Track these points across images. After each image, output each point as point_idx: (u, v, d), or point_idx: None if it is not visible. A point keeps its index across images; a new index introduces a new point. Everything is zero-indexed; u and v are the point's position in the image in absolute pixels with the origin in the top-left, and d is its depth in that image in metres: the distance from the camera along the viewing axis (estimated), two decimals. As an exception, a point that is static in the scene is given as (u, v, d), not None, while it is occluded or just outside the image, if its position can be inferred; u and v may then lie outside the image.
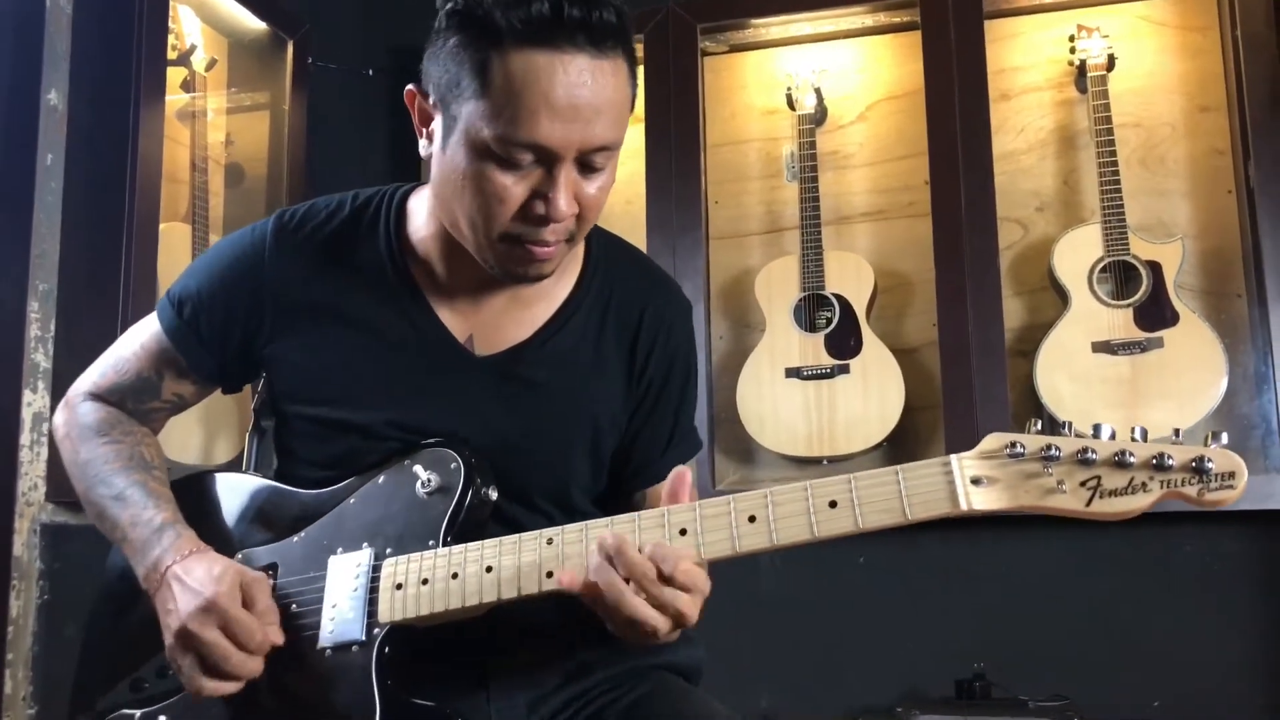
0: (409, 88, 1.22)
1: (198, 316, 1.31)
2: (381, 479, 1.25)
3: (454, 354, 1.28)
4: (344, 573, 1.21)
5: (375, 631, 1.17)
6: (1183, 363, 2.45)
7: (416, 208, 1.31)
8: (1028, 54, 2.82)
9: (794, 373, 2.68)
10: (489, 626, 1.20)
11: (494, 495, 1.23)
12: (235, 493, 1.35)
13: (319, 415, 1.29)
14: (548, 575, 1.13)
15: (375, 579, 1.19)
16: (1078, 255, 2.57)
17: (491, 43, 1.10)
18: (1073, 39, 2.69)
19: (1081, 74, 2.69)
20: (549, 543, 1.14)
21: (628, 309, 1.34)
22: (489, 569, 1.15)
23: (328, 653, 1.19)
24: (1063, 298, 2.59)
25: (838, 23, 2.91)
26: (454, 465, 1.22)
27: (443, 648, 1.22)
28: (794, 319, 2.71)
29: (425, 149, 1.22)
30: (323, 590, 1.21)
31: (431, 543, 1.19)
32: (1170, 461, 0.99)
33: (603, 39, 1.11)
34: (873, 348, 2.66)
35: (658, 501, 1.16)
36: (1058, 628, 2.55)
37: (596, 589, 1.07)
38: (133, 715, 1.25)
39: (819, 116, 2.86)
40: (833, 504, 1.07)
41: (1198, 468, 0.98)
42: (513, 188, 1.14)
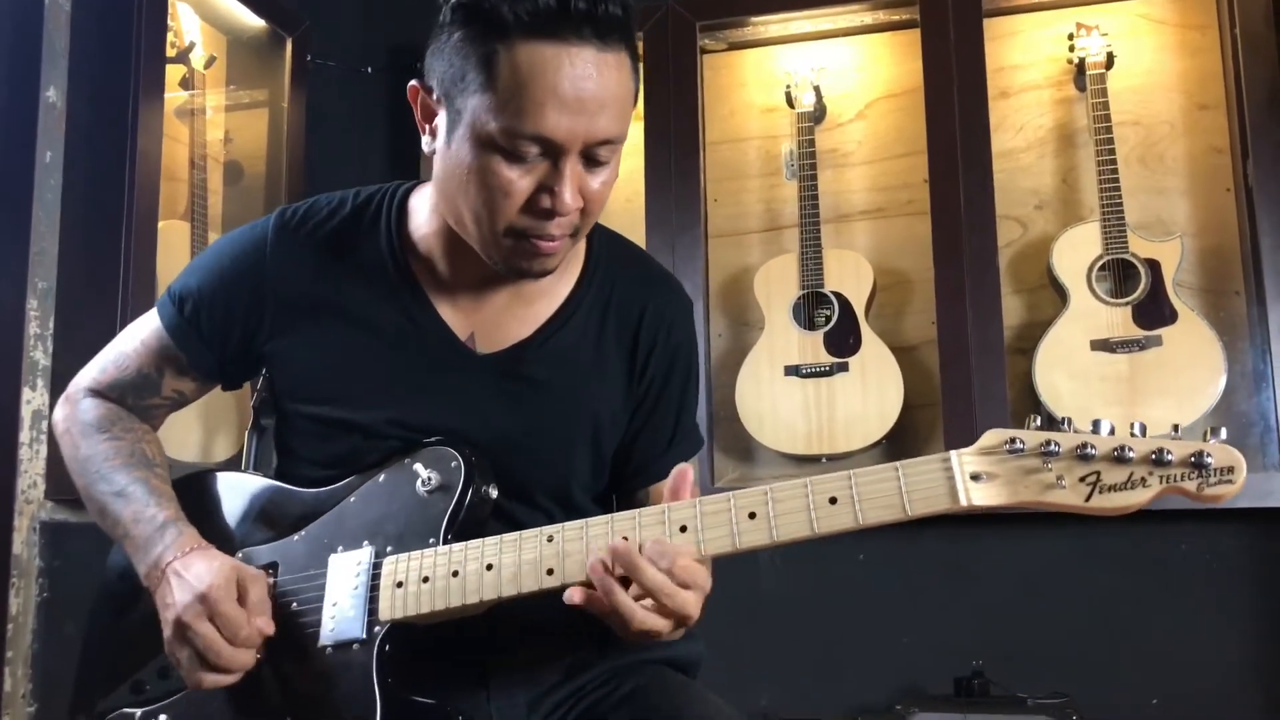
0: (412, 83, 1.21)
1: (198, 313, 1.31)
2: (382, 477, 1.25)
3: (455, 352, 1.28)
4: (345, 571, 1.21)
5: (376, 629, 1.17)
6: (1181, 361, 2.45)
7: (418, 205, 1.31)
8: (1027, 52, 2.82)
9: (793, 371, 2.68)
10: (489, 624, 1.20)
11: (494, 493, 1.23)
12: (236, 492, 1.35)
13: (319, 413, 1.29)
14: (548, 573, 1.13)
15: (376, 577, 1.19)
16: (1076, 253, 2.57)
17: (498, 36, 1.10)
18: (1072, 37, 2.68)
19: (1080, 72, 2.69)
20: (549, 540, 1.14)
21: (629, 307, 1.34)
22: (489, 567, 1.15)
23: (328, 651, 1.19)
24: (1061, 296, 2.59)
25: (837, 21, 2.90)
26: (454, 463, 1.22)
27: (443, 646, 1.22)
28: (793, 317, 2.71)
29: (428, 145, 1.22)
30: (323, 588, 1.21)
31: (432, 541, 1.19)
32: (1169, 456, 0.99)
33: (608, 32, 1.11)
34: (872, 346, 2.66)
35: (660, 499, 1.16)
36: (1057, 625, 2.55)
37: (599, 602, 1.07)
38: (133, 714, 1.25)
39: (818, 114, 2.86)
40: (833, 500, 1.07)
41: (1197, 462, 0.98)
42: (518, 181, 1.14)
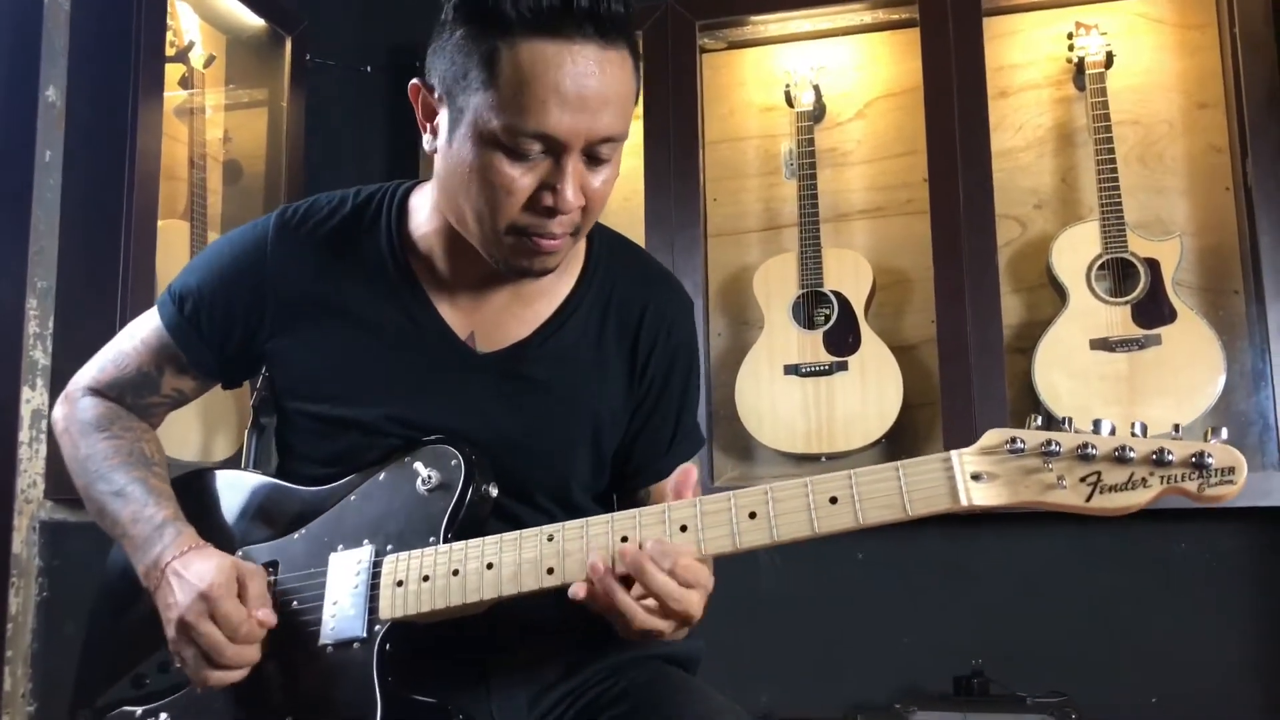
0: (413, 82, 1.21)
1: (199, 312, 1.31)
2: (382, 476, 1.25)
3: (455, 351, 1.28)
4: (345, 569, 1.21)
5: (376, 628, 1.17)
6: (1180, 360, 2.45)
7: (419, 204, 1.31)
8: (1026, 51, 2.82)
9: (792, 370, 2.68)
10: (489, 623, 1.20)
11: (494, 492, 1.23)
12: (236, 490, 1.35)
13: (320, 412, 1.29)
14: (548, 572, 1.13)
15: (376, 576, 1.19)
16: (1076, 252, 2.57)
17: (500, 33, 1.10)
18: (1071, 36, 2.69)
19: (1080, 71, 2.69)
20: (549, 539, 1.14)
21: (629, 307, 1.34)
22: (490, 566, 1.15)
23: (329, 649, 1.19)
24: (1061, 295, 2.59)
25: (836, 20, 2.90)
26: (454, 462, 1.22)
27: (443, 644, 1.22)
28: (792, 316, 2.71)
29: (429, 144, 1.21)
30: (324, 587, 1.21)
31: (432, 539, 1.19)
32: (1170, 457, 0.99)
33: (610, 30, 1.11)
34: (871, 345, 2.66)
35: (660, 499, 1.16)
36: (1056, 624, 2.56)
37: (602, 601, 1.07)
38: (134, 712, 1.25)
39: (817, 113, 2.86)
40: (833, 500, 1.07)
41: (1198, 463, 0.98)
42: (520, 179, 1.14)
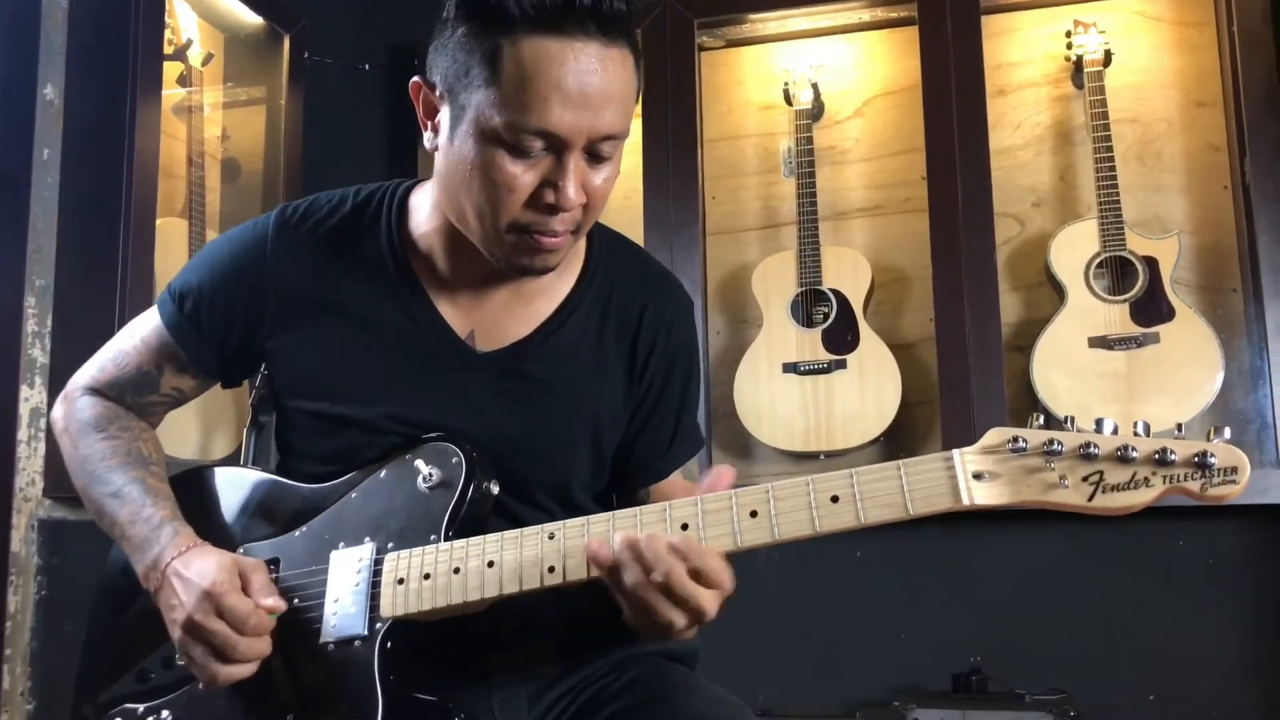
0: (414, 80, 1.21)
1: (199, 311, 1.31)
2: (383, 473, 1.25)
3: (455, 350, 1.28)
4: (346, 567, 1.21)
5: (377, 626, 1.17)
6: (1179, 358, 2.46)
7: (419, 203, 1.31)
8: (1024, 49, 2.82)
9: (791, 368, 2.68)
10: (490, 621, 1.20)
11: (495, 490, 1.23)
12: (236, 487, 1.34)
13: (320, 410, 1.29)
14: (549, 570, 1.13)
15: (377, 574, 1.19)
16: (1074, 251, 2.57)
17: (503, 30, 1.10)
18: (1069, 34, 2.69)
19: (1078, 69, 2.69)
20: (550, 538, 1.14)
21: (629, 306, 1.34)
22: (490, 564, 1.15)
23: (330, 647, 1.19)
24: (1059, 293, 2.59)
25: (835, 18, 2.90)
26: (455, 460, 1.22)
27: (444, 642, 1.22)
28: (791, 314, 2.71)
29: (430, 141, 1.21)
30: (325, 585, 1.21)
31: (433, 537, 1.19)
32: (1173, 456, 0.99)
33: (612, 27, 1.11)
34: (870, 343, 2.66)
35: (660, 499, 1.16)
36: (1054, 622, 2.56)
37: (621, 577, 1.06)
38: (136, 710, 1.25)
39: (816, 112, 2.86)
40: (834, 499, 1.07)
41: (1200, 463, 0.98)
42: (522, 176, 1.14)
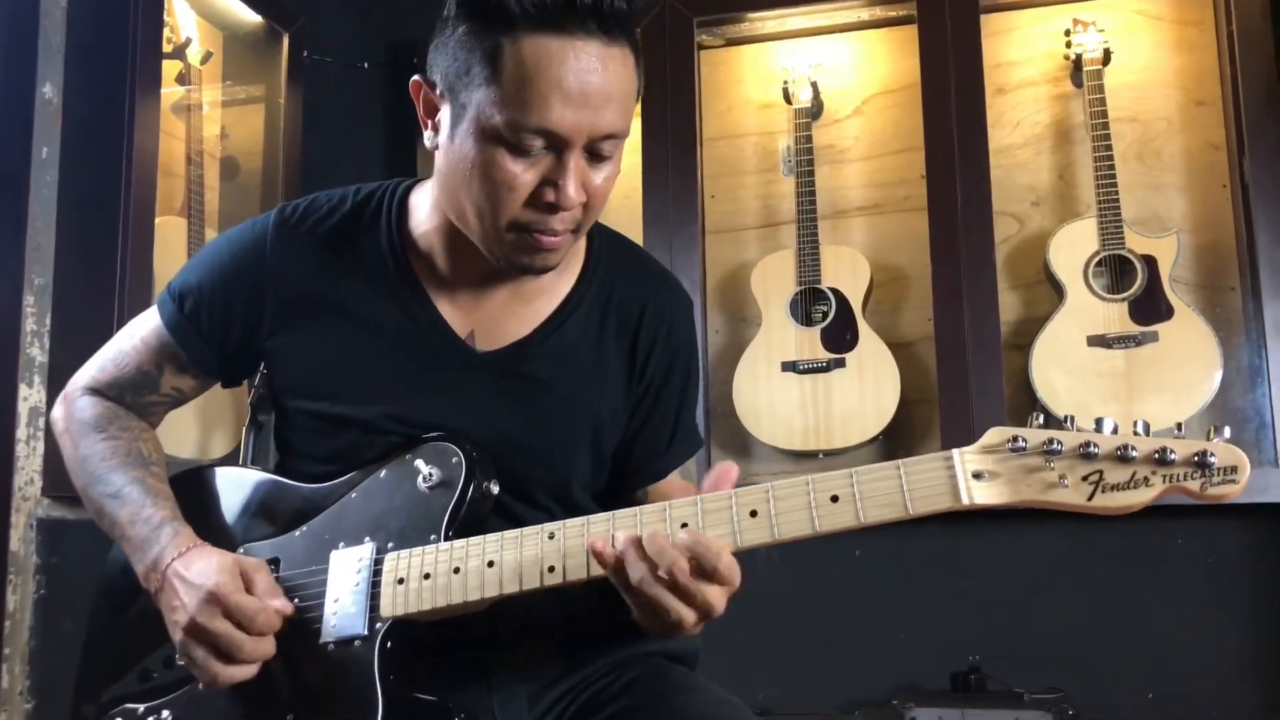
0: (414, 78, 1.21)
1: (198, 310, 1.31)
2: (383, 473, 1.25)
3: (455, 350, 1.28)
4: (346, 567, 1.21)
5: (377, 626, 1.17)
6: (1177, 356, 2.46)
7: (419, 202, 1.31)
8: (1024, 48, 2.82)
9: (790, 366, 2.68)
10: (490, 621, 1.20)
11: (495, 489, 1.23)
12: (236, 487, 1.34)
13: (319, 410, 1.29)
14: (549, 570, 1.13)
15: (377, 573, 1.19)
16: (1073, 249, 2.57)
17: (503, 29, 1.10)
18: (1068, 33, 2.69)
19: (1077, 68, 2.69)
20: (550, 537, 1.14)
21: (628, 306, 1.33)
22: (490, 564, 1.15)
23: (330, 647, 1.19)
24: (1058, 292, 2.59)
25: (834, 17, 2.90)
26: (455, 459, 1.22)
27: (444, 642, 1.22)
28: (790, 313, 2.71)
29: (430, 140, 1.21)
30: (324, 585, 1.21)
31: (433, 537, 1.19)
32: (1173, 456, 0.99)
33: (613, 26, 1.11)
34: (869, 341, 2.66)
35: (660, 499, 1.16)
36: (1053, 621, 2.56)
37: (626, 575, 1.06)
38: (136, 709, 1.25)
39: (815, 111, 2.86)
40: (834, 498, 1.07)
41: (1200, 462, 0.99)
42: (522, 175, 1.14)
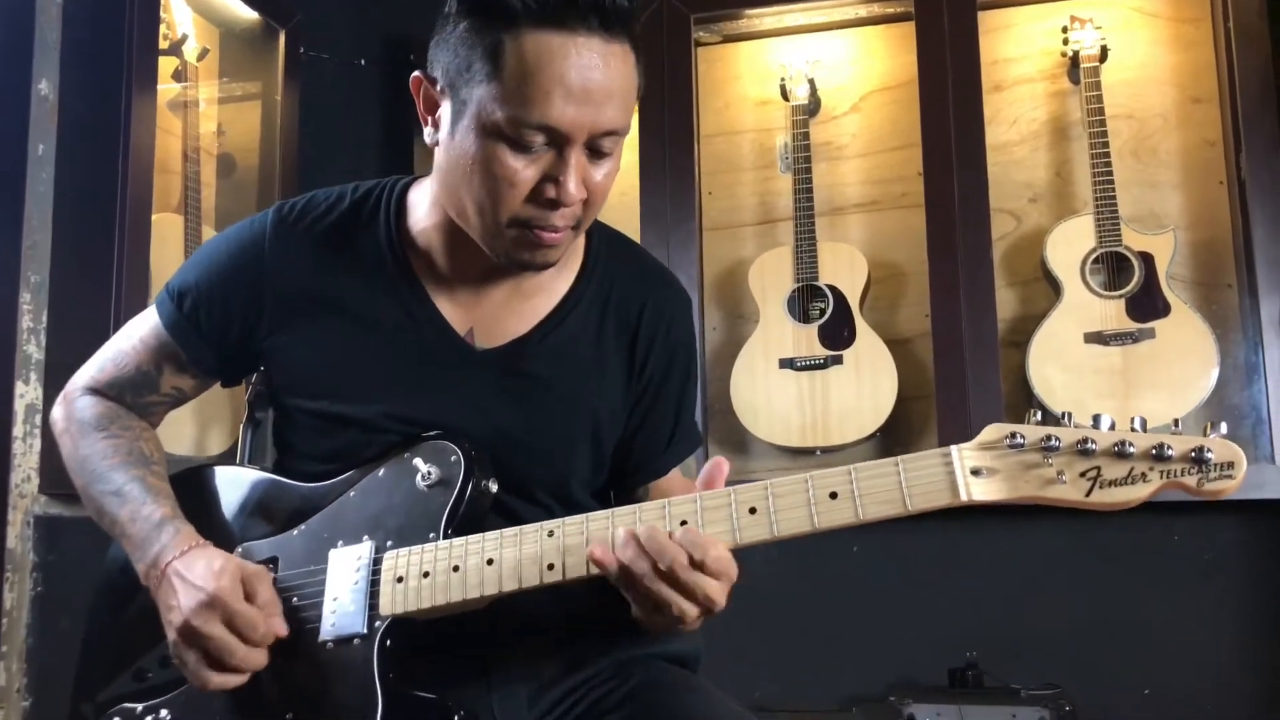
0: (415, 75, 1.21)
1: (197, 310, 1.31)
2: (381, 472, 1.25)
3: (454, 347, 1.28)
4: (345, 566, 1.21)
5: (377, 624, 1.17)
6: (1174, 353, 2.46)
7: (417, 199, 1.31)
8: (1021, 45, 2.82)
9: (787, 363, 2.68)
10: (490, 619, 1.20)
11: (494, 488, 1.23)
12: (235, 486, 1.34)
13: (318, 409, 1.29)
14: (549, 568, 1.13)
15: (376, 572, 1.19)
16: (1070, 246, 2.58)
17: (505, 25, 1.10)
18: (1066, 30, 2.69)
19: (1074, 65, 2.69)
20: (550, 535, 1.14)
21: (628, 304, 1.34)
22: (490, 561, 1.15)
23: (329, 646, 1.19)
24: (1055, 289, 2.59)
25: (831, 13, 2.90)
26: (454, 458, 1.22)
27: (444, 640, 1.22)
28: (787, 310, 2.71)
29: (430, 137, 1.21)
30: (323, 583, 1.21)
31: (432, 535, 1.19)
32: (1170, 452, 0.99)
33: (614, 23, 1.11)
34: (866, 338, 2.66)
35: (660, 496, 1.16)
36: (1050, 617, 2.56)
37: (629, 574, 1.06)
38: (135, 709, 1.25)
39: (812, 107, 2.86)
40: (833, 495, 1.07)
41: (1197, 458, 0.99)
42: (523, 171, 1.14)
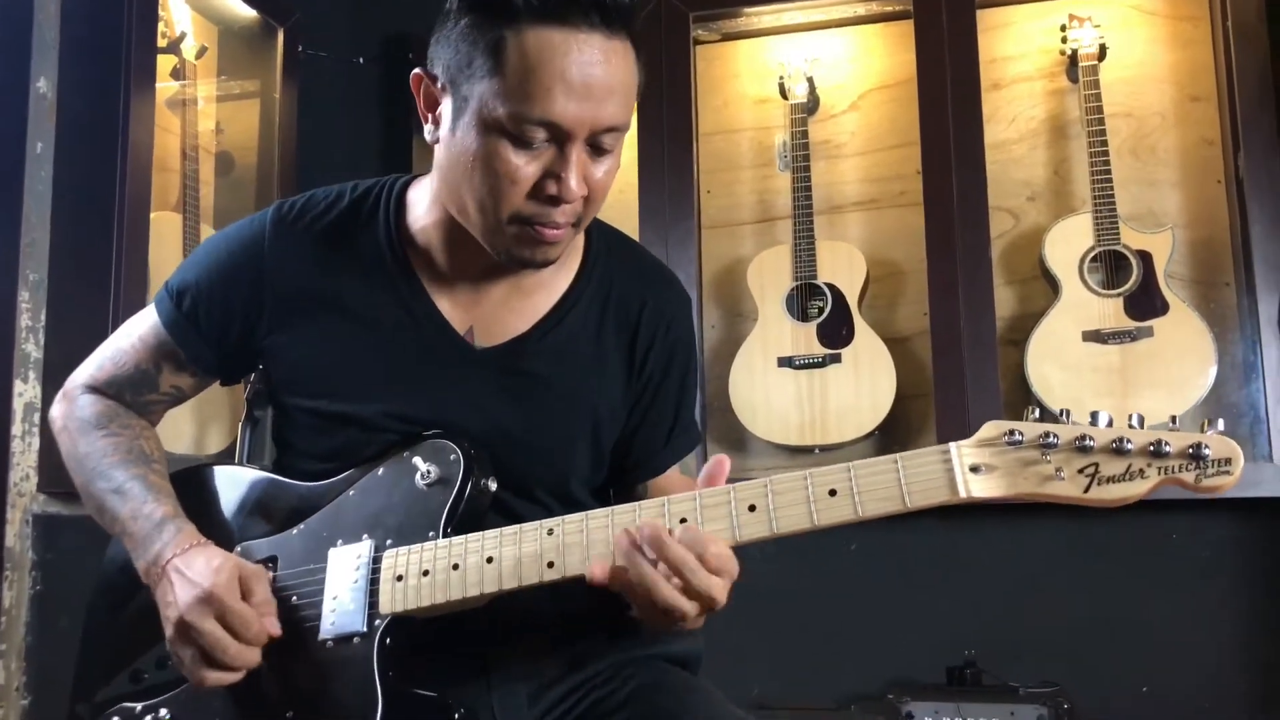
0: (415, 72, 1.21)
1: (196, 308, 1.31)
2: (381, 470, 1.25)
3: (454, 345, 1.28)
4: (344, 564, 1.21)
5: (376, 623, 1.17)
6: (1172, 352, 2.46)
7: (417, 198, 1.31)
8: (1019, 43, 2.82)
9: (786, 362, 2.68)
10: (490, 618, 1.20)
11: (493, 486, 1.23)
12: (234, 485, 1.34)
13: (318, 407, 1.29)
14: (548, 566, 1.13)
15: (376, 570, 1.19)
16: (1069, 245, 2.58)
17: (506, 21, 1.10)
18: (1064, 28, 2.69)
19: (1073, 63, 2.69)
20: (549, 533, 1.14)
21: (627, 303, 1.34)
22: (489, 560, 1.15)
23: (329, 644, 1.19)
24: (1053, 287, 2.60)
25: (830, 12, 2.90)
26: (453, 456, 1.22)
27: (444, 639, 1.22)
28: (786, 308, 2.71)
29: (431, 134, 1.21)
30: (323, 582, 1.21)
31: (431, 534, 1.19)
32: (1168, 448, 0.99)
33: (615, 20, 1.12)
34: (864, 337, 2.66)
35: (659, 494, 1.16)
36: (1048, 615, 2.57)
37: (625, 575, 1.06)
38: (134, 708, 1.25)
39: (811, 105, 2.86)
40: (832, 492, 1.07)
41: (1195, 454, 0.99)
42: (524, 167, 1.14)
